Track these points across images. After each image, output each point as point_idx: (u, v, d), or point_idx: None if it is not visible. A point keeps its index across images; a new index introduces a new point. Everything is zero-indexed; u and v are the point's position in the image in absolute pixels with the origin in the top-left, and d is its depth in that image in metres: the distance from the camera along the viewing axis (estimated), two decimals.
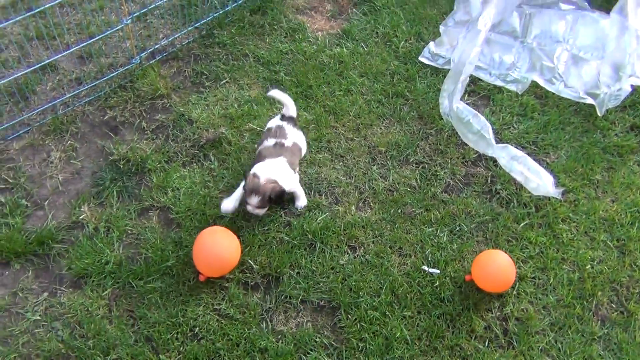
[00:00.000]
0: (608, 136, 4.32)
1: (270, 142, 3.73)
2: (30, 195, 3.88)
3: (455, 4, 5.09)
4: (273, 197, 3.51)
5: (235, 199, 3.66)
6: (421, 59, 4.72)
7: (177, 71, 4.63)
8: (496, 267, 3.45)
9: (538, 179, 3.81)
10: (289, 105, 3.89)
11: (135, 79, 4.48)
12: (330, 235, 3.69)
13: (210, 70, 4.60)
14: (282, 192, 3.56)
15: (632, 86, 4.43)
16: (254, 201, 3.51)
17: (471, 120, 4.02)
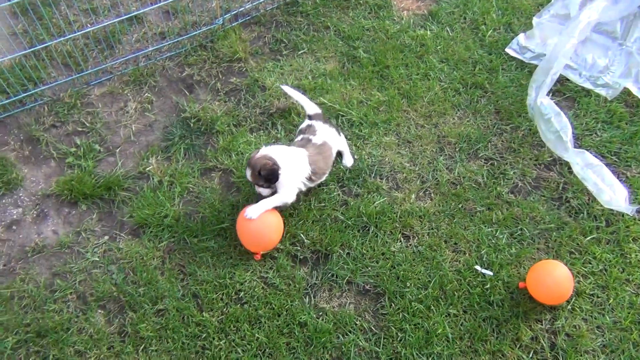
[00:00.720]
0: None
1: (299, 137, 3.66)
2: (104, 141, 4.05)
3: None
4: (263, 173, 3.34)
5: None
6: (508, 50, 4.51)
7: (257, 36, 4.65)
8: (554, 278, 3.30)
9: (611, 191, 3.59)
10: (303, 103, 3.78)
11: (216, 39, 4.53)
12: (385, 221, 3.65)
13: (290, 39, 4.59)
14: (274, 171, 3.36)
15: None
16: (248, 174, 3.42)
17: (552, 119, 3.81)
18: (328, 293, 3.43)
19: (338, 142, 3.77)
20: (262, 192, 3.50)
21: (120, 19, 4.39)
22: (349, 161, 3.85)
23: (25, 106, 4.15)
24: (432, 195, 3.81)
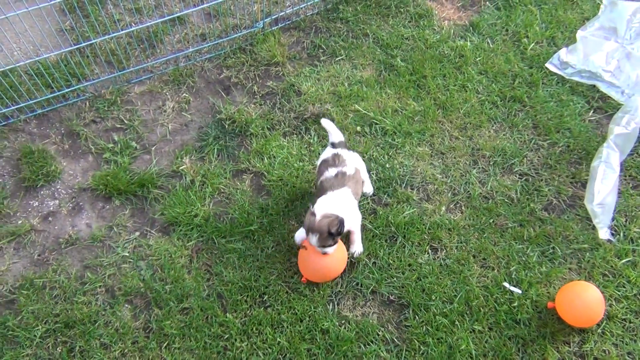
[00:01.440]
0: None
1: (331, 172, 3.42)
2: (140, 138, 4.13)
3: (601, 9, 4.70)
4: (334, 231, 3.18)
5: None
6: (548, 65, 4.42)
7: (296, 41, 4.68)
8: (584, 300, 3.21)
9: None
10: (331, 130, 3.58)
11: (255, 42, 4.58)
12: (414, 232, 3.61)
13: (328, 45, 4.60)
14: (342, 222, 3.21)
15: None
16: (313, 240, 3.21)
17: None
18: (352, 301, 3.41)
19: (362, 166, 3.66)
20: (329, 250, 3.29)
21: (164, 19, 4.48)
22: (368, 188, 3.77)
23: (67, 101, 4.27)
24: (462, 208, 3.76)
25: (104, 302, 3.43)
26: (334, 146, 3.57)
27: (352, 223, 3.42)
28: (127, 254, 3.60)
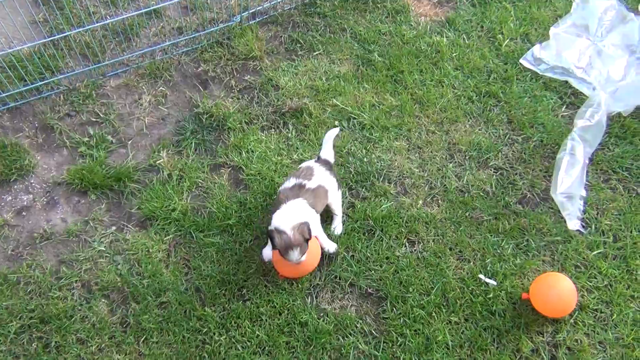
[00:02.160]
0: None
1: (290, 182, 3.40)
2: (116, 132, 4.09)
3: (573, 6, 4.79)
4: (308, 237, 3.18)
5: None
6: (522, 61, 4.49)
7: (273, 35, 4.67)
8: (557, 291, 3.28)
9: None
10: (326, 147, 3.61)
11: (233, 37, 4.56)
12: (391, 225, 3.65)
13: (306, 40, 4.61)
14: (309, 225, 3.21)
15: None
16: (294, 256, 3.16)
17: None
18: (330, 294, 3.44)
19: (334, 192, 3.54)
20: (304, 258, 3.23)
21: (140, 12, 4.44)
22: (338, 229, 3.62)
23: (41, 94, 4.20)
24: (439, 202, 3.81)
25: (80, 297, 3.39)
26: (318, 160, 3.55)
27: (313, 227, 3.34)
28: (104, 249, 3.57)
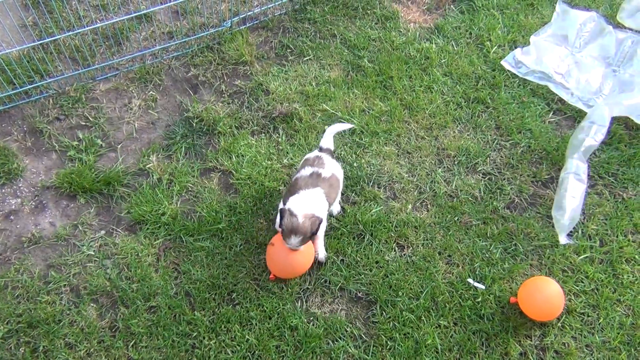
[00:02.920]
0: None
1: (307, 171, 3.41)
2: (106, 136, 4.08)
3: (554, 16, 4.88)
4: (315, 231, 3.23)
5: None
6: (503, 62, 4.56)
7: (264, 41, 4.69)
8: (545, 295, 3.32)
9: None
10: (327, 137, 3.64)
11: (223, 42, 4.57)
12: (381, 230, 3.67)
13: (296, 45, 4.63)
14: (321, 222, 3.25)
15: None
16: (294, 241, 3.18)
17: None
18: (320, 298, 3.44)
19: (340, 179, 3.60)
20: (301, 247, 3.28)
21: (130, 16, 4.43)
22: (336, 207, 3.70)
23: (30, 98, 4.18)
24: (428, 206, 3.83)
25: (68, 302, 3.37)
26: (321, 150, 3.58)
27: (322, 227, 3.40)
28: (93, 253, 3.55)
